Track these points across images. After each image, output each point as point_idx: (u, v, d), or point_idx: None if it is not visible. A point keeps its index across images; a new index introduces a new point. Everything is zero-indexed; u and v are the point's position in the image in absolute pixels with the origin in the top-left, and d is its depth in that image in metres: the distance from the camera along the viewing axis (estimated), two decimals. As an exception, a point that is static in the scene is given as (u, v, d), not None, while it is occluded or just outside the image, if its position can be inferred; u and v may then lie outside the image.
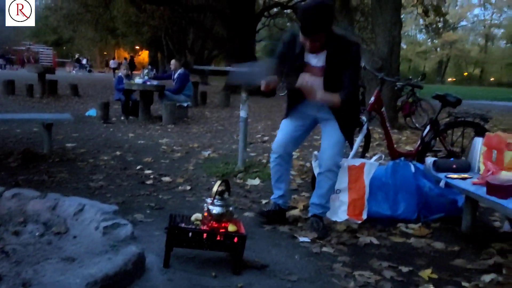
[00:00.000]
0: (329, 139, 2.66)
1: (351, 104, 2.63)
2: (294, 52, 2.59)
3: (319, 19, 2.37)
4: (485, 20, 63.16)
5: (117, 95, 8.37)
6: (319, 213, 2.75)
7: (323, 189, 2.71)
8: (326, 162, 2.65)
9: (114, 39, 34.83)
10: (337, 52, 2.50)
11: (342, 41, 2.51)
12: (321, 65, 2.55)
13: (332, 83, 2.53)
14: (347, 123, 2.66)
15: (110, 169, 4.16)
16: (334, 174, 2.69)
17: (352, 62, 2.52)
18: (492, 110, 15.10)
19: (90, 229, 2.22)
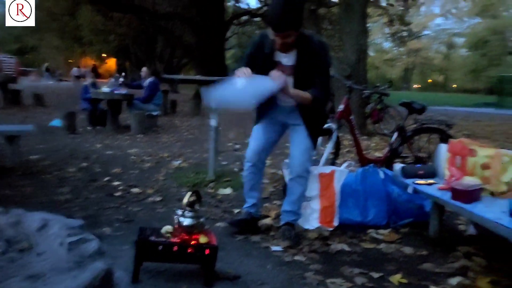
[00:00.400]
0: (298, 146, 2.67)
1: (319, 109, 2.66)
2: (264, 52, 2.60)
3: (290, 15, 2.39)
4: (447, 29, 65.60)
5: (83, 105, 8.19)
6: (291, 220, 2.75)
7: (294, 196, 2.72)
8: (296, 168, 2.67)
9: (80, 47, 34.15)
10: (307, 51, 2.53)
11: (311, 41, 2.56)
12: (292, 64, 2.58)
13: (303, 82, 2.56)
14: (315, 128, 2.70)
15: (77, 182, 4.05)
16: (305, 180, 2.71)
17: (322, 61, 2.56)
18: (456, 116, 15.64)
19: (55, 245, 2.14)
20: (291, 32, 2.43)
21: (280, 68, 2.58)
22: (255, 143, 2.77)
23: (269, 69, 2.57)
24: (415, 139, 4.14)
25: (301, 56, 2.55)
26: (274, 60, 2.60)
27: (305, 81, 2.56)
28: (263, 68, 2.60)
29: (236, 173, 4.51)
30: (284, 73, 2.55)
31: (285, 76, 2.47)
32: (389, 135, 7.58)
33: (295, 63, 2.57)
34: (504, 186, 2.53)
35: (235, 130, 8.20)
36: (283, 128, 2.81)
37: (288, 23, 2.39)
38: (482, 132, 9.89)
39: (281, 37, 2.44)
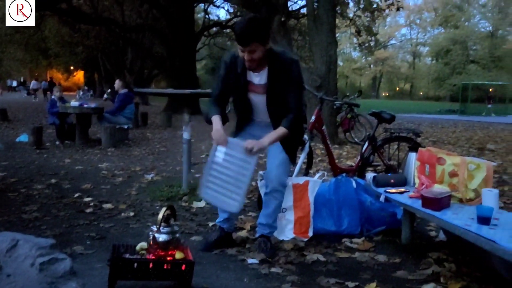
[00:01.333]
0: (274, 159, 2.68)
1: (296, 130, 2.69)
2: (236, 72, 2.61)
3: (251, 29, 2.41)
4: (412, 39, 67.76)
5: (51, 119, 7.97)
6: (266, 233, 2.75)
7: (269, 209, 2.73)
8: (272, 182, 2.68)
9: (46, 59, 33.28)
10: (278, 69, 2.55)
11: (282, 58, 2.57)
12: (263, 82, 2.59)
13: (275, 100, 2.59)
14: (291, 144, 2.71)
15: (45, 199, 3.93)
16: (281, 193, 2.72)
17: (294, 78, 2.56)
18: (422, 122, 16.13)
19: (25, 266, 2.07)
20: (256, 46, 2.42)
21: (252, 88, 2.61)
22: None
23: (242, 89, 2.60)
24: (385, 147, 4.24)
25: (272, 74, 2.56)
26: (246, 79, 2.62)
27: (278, 98, 2.58)
28: (236, 88, 2.63)
29: (210, 186, 4.48)
30: (257, 93, 2.59)
31: (256, 144, 2.49)
32: (360, 143, 7.74)
33: (266, 82, 2.58)
34: (472, 193, 2.61)
35: (207, 142, 8.17)
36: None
37: (252, 35, 2.41)
38: (447, 139, 10.21)
39: (247, 52, 2.44)
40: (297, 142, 2.84)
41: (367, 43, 23.49)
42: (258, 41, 2.42)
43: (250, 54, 2.44)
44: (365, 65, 65.88)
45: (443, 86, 53.83)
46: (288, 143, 2.68)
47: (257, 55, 2.45)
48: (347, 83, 65.91)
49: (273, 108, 2.62)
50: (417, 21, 65.37)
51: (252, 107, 2.72)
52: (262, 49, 2.45)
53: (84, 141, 7.63)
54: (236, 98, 2.74)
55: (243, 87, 2.61)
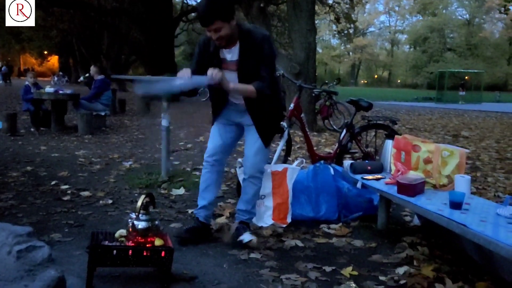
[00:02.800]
0: (252, 146, 2.69)
1: (272, 109, 2.70)
2: (210, 51, 2.61)
3: (212, 8, 2.39)
4: (390, 26, 68.38)
5: (25, 106, 7.79)
6: (245, 219, 2.78)
7: (248, 195, 2.75)
8: (249, 169, 2.70)
9: (18, 43, 32.28)
10: (249, 45, 2.55)
11: (252, 34, 2.56)
12: (236, 59, 2.59)
13: (247, 76, 2.57)
14: (267, 129, 2.71)
15: (21, 187, 3.86)
16: (258, 180, 2.75)
17: (265, 53, 2.56)
18: (400, 110, 16.38)
19: (2, 254, 2.05)
20: (219, 23, 2.41)
21: (226, 66, 2.60)
22: (212, 144, 2.77)
23: (215, 66, 2.57)
24: (362, 135, 4.30)
25: (244, 50, 2.56)
26: (219, 57, 2.62)
27: (251, 75, 2.57)
28: (209, 66, 2.60)
29: (189, 173, 4.49)
30: (230, 70, 2.58)
31: (221, 72, 2.47)
32: (338, 130, 7.82)
33: (238, 58, 2.58)
34: (445, 179, 2.70)
35: (185, 129, 8.13)
36: (239, 128, 2.81)
37: (212, 14, 2.39)
38: (423, 126, 10.43)
39: (213, 31, 2.44)
40: (274, 129, 2.83)
41: (346, 30, 23.63)
42: (220, 18, 2.40)
43: (216, 32, 2.43)
44: (344, 52, 66.25)
45: (420, 73, 54.70)
46: (264, 129, 2.69)
47: (223, 32, 2.44)
48: (326, 70, 66.24)
49: (245, 83, 2.60)
50: (396, 8, 65.95)
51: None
52: (227, 26, 2.44)
53: (60, 128, 7.48)
54: None
55: (216, 65, 2.59)
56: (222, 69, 2.60)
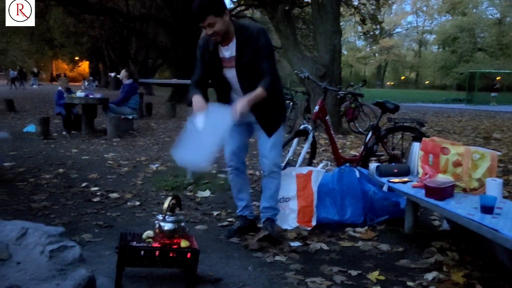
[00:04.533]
0: (266, 144, 2.74)
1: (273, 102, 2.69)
2: (209, 51, 2.66)
3: (203, 3, 2.45)
4: (418, 27, 67.07)
5: (57, 110, 8.04)
6: (270, 215, 2.82)
7: (271, 190, 2.80)
8: (267, 166, 2.75)
9: (51, 50, 33.35)
10: (245, 39, 2.58)
11: (248, 29, 2.60)
12: (234, 55, 2.63)
13: (245, 71, 2.61)
14: (272, 123, 2.74)
15: (53, 188, 3.99)
16: (277, 174, 2.80)
17: (263, 46, 2.58)
18: (428, 112, 16.05)
19: (35, 254, 2.12)
20: (212, 18, 2.45)
21: (225, 63, 2.65)
22: (228, 147, 2.83)
23: (216, 66, 2.66)
24: (389, 137, 4.24)
25: (240, 45, 2.59)
26: (219, 56, 2.66)
27: (248, 69, 2.60)
28: (212, 66, 2.68)
29: (214, 175, 4.52)
30: (230, 67, 2.63)
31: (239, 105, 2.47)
32: (364, 133, 7.74)
33: (235, 53, 2.61)
34: (476, 182, 2.63)
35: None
36: (249, 126, 2.85)
37: (205, 10, 2.44)
38: (453, 128, 10.18)
39: (207, 27, 2.48)
40: (280, 118, 2.82)
41: (372, 32, 23.30)
42: (213, 13, 2.45)
43: (210, 28, 2.48)
44: (370, 54, 65.30)
45: (449, 74, 53.37)
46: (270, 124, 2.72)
47: (217, 27, 2.48)
48: (351, 72, 65.51)
49: (244, 80, 2.63)
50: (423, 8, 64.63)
51: (231, 85, 2.74)
52: (220, 20, 2.48)
53: (90, 131, 7.68)
54: (214, 78, 2.77)
55: (217, 64, 2.66)
56: (223, 68, 2.66)
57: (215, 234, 2.90)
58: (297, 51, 8.85)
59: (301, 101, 9.25)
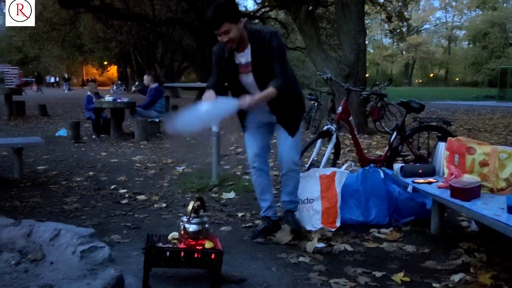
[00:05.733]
0: (284, 142, 2.79)
1: (291, 103, 2.75)
2: (225, 58, 2.71)
3: (218, 11, 2.51)
4: (447, 22, 65.48)
5: (87, 114, 8.29)
6: (291, 207, 2.90)
7: (289, 187, 2.87)
8: (286, 164, 2.80)
9: (81, 55, 34.34)
10: (259, 44, 2.62)
11: (261, 33, 2.65)
12: (249, 60, 2.67)
13: (262, 75, 2.66)
14: (292, 122, 2.80)
15: (84, 190, 4.12)
16: (296, 172, 2.85)
17: (275, 49, 2.62)
18: (458, 110, 15.65)
19: (67, 254, 2.21)
20: (227, 25, 2.50)
21: (241, 69, 2.70)
22: (250, 149, 2.89)
23: (233, 73, 2.71)
24: (414, 137, 4.19)
25: (255, 50, 2.64)
26: (235, 63, 2.71)
27: (265, 73, 2.65)
28: (228, 73, 2.74)
29: (239, 177, 4.57)
30: (246, 73, 2.69)
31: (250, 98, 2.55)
32: (390, 132, 7.63)
33: (251, 59, 2.66)
34: (503, 182, 2.57)
35: (236, 134, 8.25)
36: (269, 127, 2.90)
37: (220, 17, 2.50)
38: (483, 126, 9.91)
39: (223, 34, 2.52)
40: (299, 118, 2.88)
41: (399, 29, 22.89)
42: (228, 20, 2.50)
43: (225, 35, 2.52)
44: (397, 51, 64.15)
45: (480, 71, 51.89)
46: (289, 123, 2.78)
47: (232, 34, 2.53)
48: (378, 71, 64.56)
49: (263, 83, 2.68)
50: (452, 4, 63.05)
51: (246, 89, 2.78)
52: (235, 27, 2.53)
53: (118, 135, 7.88)
54: (231, 85, 2.83)
55: (233, 71, 2.72)
56: (240, 74, 2.72)
57: (240, 235, 2.95)
58: (321, 51, 8.81)
59: (326, 101, 9.21)
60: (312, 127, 8.60)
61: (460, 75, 63.04)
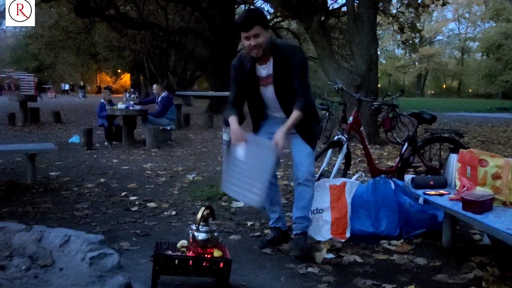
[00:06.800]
0: (301, 152, 2.77)
1: (309, 116, 2.76)
2: (245, 71, 2.73)
3: (252, 14, 2.60)
4: (460, 34, 65.10)
5: (100, 121, 8.38)
6: (304, 227, 2.80)
7: (305, 200, 2.79)
8: (304, 173, 2.76)
9: (95, 63, 34.84)
10: (282, 57, 2.64)
11: (284, 47, 2.69)
12: (270, 73, 2.69)
13: (283, 88, 2.68)
14: (310, 133, 2.80)
15: (95, 197, 4.15)
16: (312, 182, 2.80)
17: (297, 65, 2.64)
18: (471, 121, 15.50)
19: (77, 261, 2.22)
20: (258, 29, 2.53)
21: (262, 82, 2.72)
22: None
23: (253, 85, 2.73)
24: (426, 148, 4.15)
25: (277, 63, 2.66)
26: (256, 75, 2.72)
27: (286, 87, 2.68)
28: (248, 86, 2.76)
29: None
30: (266, 85, 2.71)
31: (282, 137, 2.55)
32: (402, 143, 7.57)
33: (272, 72, 2.67)
34: (516, 195, 2.54)
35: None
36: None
37: (253, 19, 2.54)
38: (497, 138, 9.79)
39: (252, 37, 2.54)
40: (314, 130, 2.88)
41: (411, 40, 22.78)
42: (260, 24, 2.54)
43: (255, 39, 2.55)
44: (409, 62, 63.86)
45: (494, 82, 51.41)
46: (307, 134, 2.78)
47: (261, 39, 2.55)
48: (390, 82, 64.30)
49: (282, 96, 2.71)
50: (466, 15, 62.76)
51: (265, 102, 2.82)
52: (265, 33, 2.56)
53: (130, 142, 7.94)
54: (249, 97, 2.84)
55: (254, 83, 2.74)
56: (260, 86, 2.74)
57: (249, 244, 2.94)
58: (333, 61, 8.82)
59: (337, 111, 9.19)
60: (323, 137, 8.58)
61: (473, 87, 62.49)
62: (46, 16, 21.84)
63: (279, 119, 2.79)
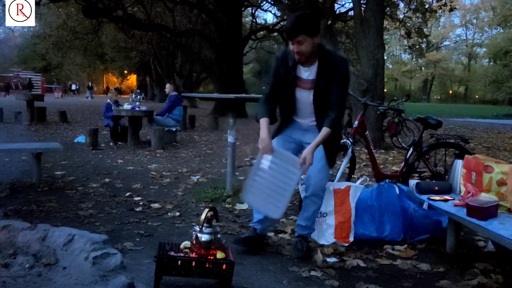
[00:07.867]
0: (315, 165, 2.68)
1: (335, 131, 2.71)
2: (287, 66, 2.69)
3: (298, 22, 2.52)
4: (467, 40, 64.89)
5: (105, 121, 8.42)
6: (304, 234, 2.81)
7: (309, 212, 2.78)
8: (312, 187, 2.71)
9: (102, 64, 35.07)
10: (327, 65, 2.61)
11: (332, 55, 2.65)
12: (312, 78, 2.66)
13: (321, 96, 2.64)
14: (331, 146, 2.74)
15: (99, 197, 4.17)
16: (320, 198, 2.77)
17: (341, 77, 2.61)
18: (477, 127, 15.42)
19: (80, 260, 2.24)
20: (303, 37, 2.50)
21: (300, 83, 2.68)
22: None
23: (290, 84, 2.68)
24: (431, 154, 4.14)
25: (322, 70, 2.62)
26: (296, 74, 2.69)
27: (325, 95, 2.64)
28: (285, 83, 2.71)
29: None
30: (304, 88, 2.67)
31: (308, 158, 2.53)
32: (407, 148, 7.55)
33: (315, 77, 2.64)
34: (521, 202, 2.52)
35: (252, 145, 8.27)
36: (298, 146, 2.83)
37: (298, 28, 2.50)
38: (503, 145, 9.73)
39: (296, 43, 2.52)
40: (337, 146, 2.85)
41: (418, 45, 22.75)
42: (305, 33, 2.50)
43: (298, 45, 2.53)
44: (416, 67, 63.76)
45: (501, 89, 51.16)
46: (329, 147, 2.71)
47: (305, 47, 2.53)
48: (396, 86, 64.18)
49: (320, 104, 2.67)
50: (473, 21, 62.61)
51: (296, 105, 2.77)
52: (310, 41, 2.53)
53: (135, 143, 7.97)
54: (283, 95, 2.78)
55: (291, 82, 2.69)
56: (296, 87, 2.69)
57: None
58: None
59: (343, 115, 9.18)
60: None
61: (480, 93, 62.23)
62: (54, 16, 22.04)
63: (302, 125, 2.78)
